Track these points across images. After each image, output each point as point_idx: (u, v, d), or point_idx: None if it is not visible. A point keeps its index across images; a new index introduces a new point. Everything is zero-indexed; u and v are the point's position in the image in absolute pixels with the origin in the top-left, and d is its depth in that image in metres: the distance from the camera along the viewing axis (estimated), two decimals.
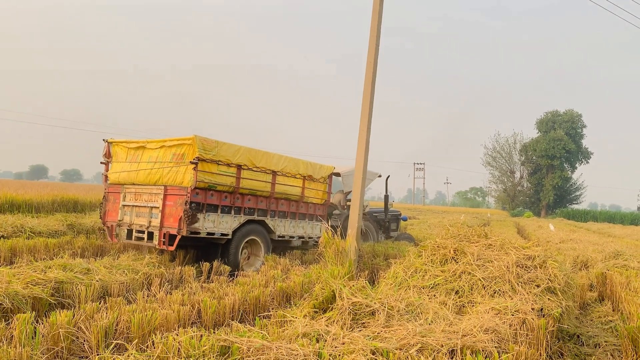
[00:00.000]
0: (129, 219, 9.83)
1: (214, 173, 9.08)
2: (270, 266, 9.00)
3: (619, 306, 7.33)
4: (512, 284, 5.84)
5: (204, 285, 7.19)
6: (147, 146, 9.89)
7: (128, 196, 9.94)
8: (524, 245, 6.89)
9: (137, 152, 10.08)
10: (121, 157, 10.43)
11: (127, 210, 9.93)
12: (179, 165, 9.08)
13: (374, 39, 9.28)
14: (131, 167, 10.03)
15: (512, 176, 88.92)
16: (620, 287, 7.89)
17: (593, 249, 13.87)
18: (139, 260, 8.35)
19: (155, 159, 9.61)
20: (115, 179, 10.37)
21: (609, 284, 8.53)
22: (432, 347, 3.99)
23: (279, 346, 3.80)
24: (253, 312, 6.21)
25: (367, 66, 9.37)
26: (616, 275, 8.83)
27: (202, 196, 8.98)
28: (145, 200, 9.55)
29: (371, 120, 9.37)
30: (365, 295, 5.48)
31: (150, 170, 9.56)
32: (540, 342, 4.70)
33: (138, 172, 9.83)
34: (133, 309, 5.19)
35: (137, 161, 9.96)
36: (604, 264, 10.81)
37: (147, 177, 9.65)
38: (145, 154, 9.87)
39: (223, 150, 9.23)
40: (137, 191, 9.78)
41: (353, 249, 8.80)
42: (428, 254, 6.89)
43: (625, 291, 7.58)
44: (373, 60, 9.28)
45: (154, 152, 9.69)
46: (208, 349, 3.74)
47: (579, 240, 17.47)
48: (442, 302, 5.62)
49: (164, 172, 9.34)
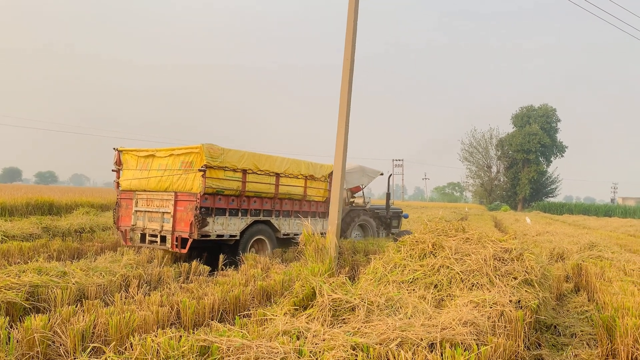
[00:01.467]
0: (142, 223, 10.33)
1: (221, 179, 9.58)
2: (250, 265, 8.96)
3: (594, 296, 7.47)
4: (489, 277, 5.91)
5: (183, 286, 7.13)
6: (157, 154, 10.35)
7: (140, 202, 10.43)
8: (501, 239, 6.98)
9: (147, 160, 10.52)
10: (131, 164, 10.85)
11: (139, 215, 10.42)
12: (188, 172, 9.57)
13: (350, 35, 9.28)
14: (142, 174, 10.50)
15: (488, 171, 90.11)
16: (595, 278, 8.05)
17: (569, 241, 14.11)
18: (116, 262, 8.24)
19: (164, 166, 10.11)
20: (127, 185, 10.82)
21: (584, 275, 8.70)
22: (412, 341, 4.02)
23: (259, 344, 3.78)
24: (233, 312, 6.18)
25: (344, 62, 9.37)
26: (591, 266, 9.01)
27: (211, 201, 9.51)
28: (157, 205, 10.06)
29: (349, 118, 9.38)
30: (345, 291, 5.49)
31: (161, 178, 10.05)
32: (518, 334, 4.76)
33: (149, 179, 10.29)
34: (111, 311, 5.12)
35: (147, 169, 10.44)
36: (579, 256, 11.01)
37: (158, 184, 10.12)
38: (155, 162, 10.35)
39: (229, 157, 9.71)
40: (148, 197, 10.26)
41: (333, 245, 8.81)
42: (407, 248, 6.93)
43: (600, 281, 7.74)
44: (350, 57, 9.29)
45: (164, 160, 10.17)
46: (187, 349, 3.71)
47: (555, 232, 17.76)
48: (421, 296, 5.66)
49: (174, 179, 9.82)
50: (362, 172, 15.42)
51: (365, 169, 15.62)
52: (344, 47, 9.40)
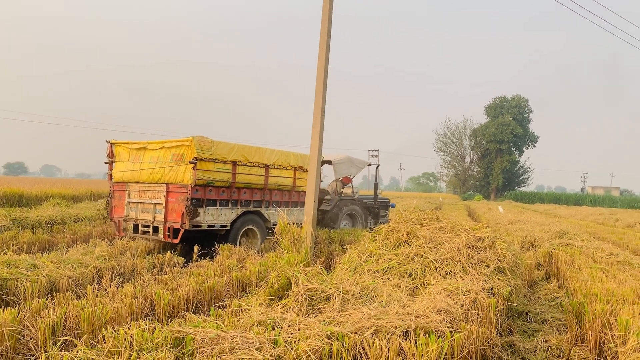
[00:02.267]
0: (134, 214, 10.63)
1: (211, 170, 9.85)
2: (225, 256, 8.91)
3: (564, 283, 7.64)
4: (463, 265, 5.99)
5: (157, 278, 7.05)
6: (148, 147, 10.57)
7: (132, 194, 10.73)
8: (474, 227, 7.07)
9: (139, 153, 10.76)
10: (124, 157, 11.10)
11: (132, 206, 10.71)
12: (179, 164, 9.84)
13: (325, 23, 9.23)
14: (134, 166, 10.75)
15: (462, 161, 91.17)
16: (565, 265, 8.22)
17: (540, 229, 14.38)
18: (88, 254, 8.10)
19: (156, 159, 10.35)
20: (120, 177, 11.09)
21: (555, 263, 8.88)
22: (387, 329, 4.04)
23: (234, 335, 3.76)
24: (208, 303, 6.14)
25: (320, 52, 9.32)
26: (561, 253, 9.20)
27: (202, 192, 9.79)
28: (149, 197, 10.35)
29: (324, 108, 9.35)
30: (320, 281, 5.50)
31: (153, 170, 10.29)
32: (490, 321, 4.84)
33: (141, 172, 10.53)
34: (82, 304, 5.04)
35: (139, 161, 10.70)
36: (550, 244, 11.23)
37: (149, 176, 10.37)
38: (147, 154, 10.58)
39: (219, 149, 9.95)
40: (141, 189, 10.54)
41: (309, 236, 8.81)
42: (382, 238, 6.97)
43: (570, 269, 7.92)
44: (325, 47, 9.24)
45: (155, 153, 10.41)
46: (161, 341, 3.67)
47: (527, 221, 18.08)
48: (396, 285, 5.71)
49: (165, 171, 10.06)
50: (351, 163, 15.85)
51: (354, 159, 16.03)
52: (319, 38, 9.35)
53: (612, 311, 5.04)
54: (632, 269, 8.06)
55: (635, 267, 8.21)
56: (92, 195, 22.41)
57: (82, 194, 21.50)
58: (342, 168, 15.47)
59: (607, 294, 5.87)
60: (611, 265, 8.34)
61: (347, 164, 15.70)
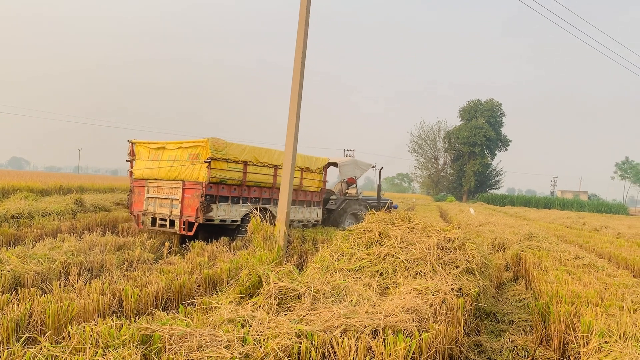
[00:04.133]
0: (152, 208, 11.48)
1: (224, 169, 10.71)
2: (196, 253, 8.83)
3: (532, 285, 7.78)
4: (433, 265, 6.06)
5: (127, 274, 6.95)
6: (167, 147, 11.42)
7: (151, 189, 11.60)
8: (445, 228, 7.15)
9: (158, 152, 11.63)
10: (144, 155, 11.97)
11: (151, 201, 11.57)
12: (195, 163, 10.68)
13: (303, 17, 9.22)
14: (153, 164, 11.65)
15: (436, 162, 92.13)
16: (532, 267, 8.38)
17: (509, 231, 14.62)
18: (56, 249, 7.91)
19: (174, 158, 11.22)
20: (140, 174, 11.96)
21: (523, 264, 9.04)
22: (356, 328, 4.06)
23: (203, 333, 3.73)
24: (178, 300, 6.08)
25: (297, 50, 9.31)
26: (529, 256, 9.38)
27: (215, 189, 10.65)
28: (166, 193, 11.24)
29: (300, 106, 9.33)
30: (292, 279, 5.50)
31: (170, 168, 11.18)
32: (458, 321, 4.90)
33: (159, 169, 11.42)
34: (48, 300, 4.93)
35: (158, 159, 11.58)
36: (519, 246, 11.42)
37: (167, 173, 11.24)
38: (165, 153, 11.45)
39: (231, 150, 10.85)
40: (159, 185, 11.42)
41: (282, 234, 8.80)
42: (354, 237, 7.00)
43: (537, 270, 8.07)
44: (302, 45, 9.23)
45: (173, 152, 11.28)
46: (128, 338, 3.62)
47: (497, 223, 18.36)
48: (367, 284, 5.74)
49: (182, 170, 10.95)
50: (355, 165, 17.13)
51: (358, 162, 17.34)
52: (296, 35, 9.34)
53: (576, 312, 5.16)
54: (597, 271, 8.25)
55: (599, 270, 8.41)
56: (62, 189, 21.98)
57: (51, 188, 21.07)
58: (347, 170, 16.68)
59: (572, 295, 6.00)
60: (577, 267, 8.53)
61: (352, 166, 16.89)
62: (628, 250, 12.78)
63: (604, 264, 9.17)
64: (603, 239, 16.66)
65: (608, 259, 11.55)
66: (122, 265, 7.88)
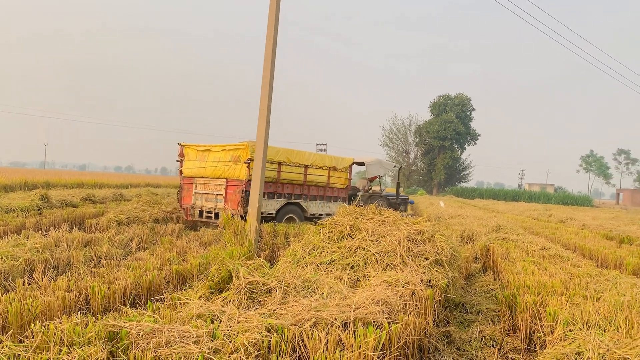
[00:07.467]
0: (200, 203, 13.20)
1: None
2: (166, 249, 8.71)
3: (499, 275, 7.92)
4: (403, 258, 6.10)
5: (94, 270, 6.81)
6: (212, 149, 13.12)
7: (199, 186, 13.30)
8: (415, 221, 7.22)
9: (204, 153, 13.37)
10: (192, 156, 13.75)
11: (198, 196, 13.27)
12: (236, 164, 12.31)
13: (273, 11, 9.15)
14: (200, 164, 13.34)
15: (407, 156, 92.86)
16: (500, 258, 8.53)
17: (478, 223, 14.87)
18: (20, 245, 7.70)
19: (218, 159, 12.91)
20: (189, 173, 13.69)
21: (491, 256, 9.20)
22: (326, 321, 4.07)
23: (171, 329, 3.69)
24: (146, 296, 5.99)
25: (267, 41, 9.23)
26: (497, 247, 9.55)
27: None
28: (212, 189, 12.93)
29: (271, 104, 9.26)
30: (262, 273, 5.48)
31: (215, 167, 12.86)
32: (428, 312, 4.96)
33: (206, 169, 13.06)
34: (11, 298, 4.79)
35: (204, 160, 13.29)
36: (487, 237, 11.63)
37: (213, 172, 12.93)
38: (211, 155, 13.16)
39: (268, 152, 11.28)
40: (205, 182, 13.11)
41: (254, 229, 8.74)
42: (326, 231, 7.01)
43: (505, 261, 8.22)
44: (272, 37, 9.16)
45: (217, 154, 12.97)
46: (94, 335, 3.55)
47: (466, 215, 18.65)
48: (338, 277, 5.75)
49: (225, 169, 12.59)
50: (380, 165, 19.68)
51: (383, 162, 20.08)
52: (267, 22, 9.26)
53: (542, 302, 5.28)
54: (562, 262, 8.44)
55: (565, 260, 8.60)
56: (27, 184, 21.43)
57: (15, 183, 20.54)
58: (373, 168, 19.06)
59: (538, 286, 6.13)
60: (543, 258, 8.71)
61: (377, 165, 19.39)
62: (592, 241, 13.13)
63: (569, 254, 9.38)
64: (569, 230, 17.06)
65: (573, 250, 11.85)
66: (89, 262, 7.71)
